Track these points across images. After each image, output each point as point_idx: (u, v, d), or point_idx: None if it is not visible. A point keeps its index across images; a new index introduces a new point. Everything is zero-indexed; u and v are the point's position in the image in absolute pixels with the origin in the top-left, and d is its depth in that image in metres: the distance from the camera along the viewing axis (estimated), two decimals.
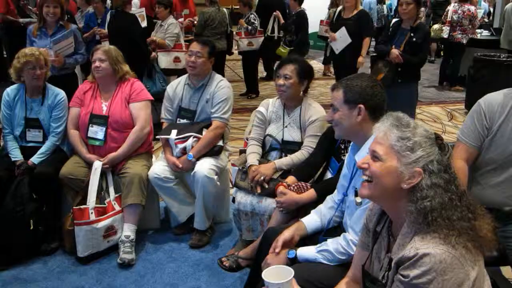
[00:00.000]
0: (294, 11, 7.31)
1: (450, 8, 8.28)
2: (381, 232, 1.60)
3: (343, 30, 5.33)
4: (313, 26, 8.51)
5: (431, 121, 6.64)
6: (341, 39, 5.35)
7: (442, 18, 8.48)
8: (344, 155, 2.49)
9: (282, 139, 3.07)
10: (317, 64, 10.51)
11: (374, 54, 4.91)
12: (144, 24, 6.08)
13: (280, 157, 3.05)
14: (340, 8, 5.69)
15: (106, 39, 5.76)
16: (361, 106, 2.08)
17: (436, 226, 1.35)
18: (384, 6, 12.24)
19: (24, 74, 3.30)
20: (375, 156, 1.47)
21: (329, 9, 9.38)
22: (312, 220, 2.32)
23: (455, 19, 8.13)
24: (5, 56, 7.72)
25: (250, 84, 7.92)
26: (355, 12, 5.33)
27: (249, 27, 7.42)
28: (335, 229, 2.27)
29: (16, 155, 3.27)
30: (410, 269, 1.33)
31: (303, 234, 2.27)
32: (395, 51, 4.44)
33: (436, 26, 8.44)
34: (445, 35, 8.22)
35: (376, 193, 1.47)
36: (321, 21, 8.67)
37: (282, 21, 7.65)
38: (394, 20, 4.73)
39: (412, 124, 1.47)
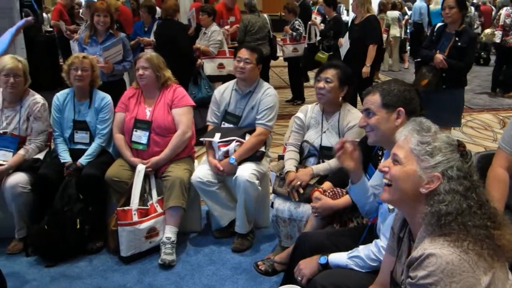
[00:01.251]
0: (330, 17, 7.29)
1: (503, 12, 7.96)
2: (403, 237, 1.59)
3: (346, 36, 5.38)
4: None
5: (481, 128, 6.41)
6: (345, 44, 5.41)
7: (494, 22, 8.21)
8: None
9: (320, 144, 3.07)
10: None
11: (418, 60, 4.81)
12: (194, 24, 6.43)
13: (318, 163, 3.05)
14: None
15: (149, 47, 5.92)
16: (401, 109, 2.04)
17: (449, 229, 1.33)
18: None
19: (70, 75, 3.47)
20: (395, 160, 1.48)
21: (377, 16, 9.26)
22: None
23: (507, 23, 7.82)
24: (61, 64, 8.06)
25: (296, 91, 7.92)
26: (363, 18, 5.28)
27: (294, 33, 7.44)
28: (370, 237, 2.25)
29: (65, 157, 3.42)
30: (417, 269, 1.32)
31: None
32: (439, 56, 4.32)
33: (488, 31, 8.18)
34: (497, 39, 7.93)
35: (395, 197, 1.48)
36: None
37: (320, 27, 7.67)
38: (439, 25, 4.62)
39: (433, 129, 1.48)
